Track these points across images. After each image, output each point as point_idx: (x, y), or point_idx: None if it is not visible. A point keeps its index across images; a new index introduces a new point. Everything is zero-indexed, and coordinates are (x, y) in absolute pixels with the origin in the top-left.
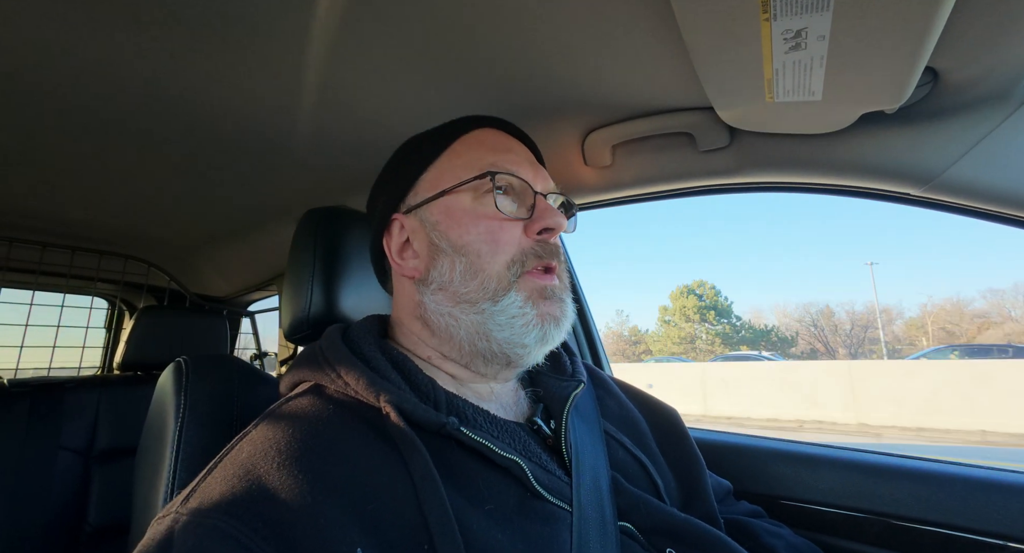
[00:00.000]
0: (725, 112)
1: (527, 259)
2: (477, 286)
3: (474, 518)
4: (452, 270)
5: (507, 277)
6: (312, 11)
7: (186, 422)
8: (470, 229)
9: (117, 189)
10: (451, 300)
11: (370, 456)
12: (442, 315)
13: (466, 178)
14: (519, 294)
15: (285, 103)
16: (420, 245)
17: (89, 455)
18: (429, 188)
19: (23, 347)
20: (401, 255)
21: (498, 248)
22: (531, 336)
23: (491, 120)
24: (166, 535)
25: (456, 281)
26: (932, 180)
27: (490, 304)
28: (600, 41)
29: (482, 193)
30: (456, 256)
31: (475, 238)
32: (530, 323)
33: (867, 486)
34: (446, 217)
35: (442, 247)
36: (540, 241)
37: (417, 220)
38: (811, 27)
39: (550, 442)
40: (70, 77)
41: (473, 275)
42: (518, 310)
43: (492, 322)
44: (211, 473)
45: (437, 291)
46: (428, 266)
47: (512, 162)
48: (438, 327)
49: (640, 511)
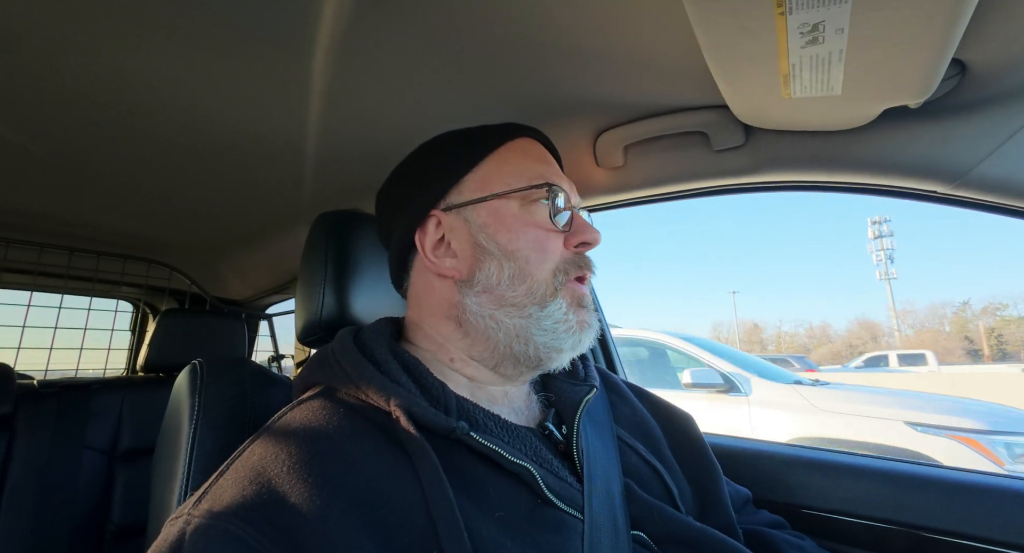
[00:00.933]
0: (740, 110)
1: (569, 268)
2: (525, 291)
3: (484, 525)
4: (500, 273)
5: (552, 284)
6: (321, 16)
7: (200, 424)
8: (519, 235)
9: (141, 196)
10: (495, 303)
11: (380, 460)
12: (483, 317)
13: (520, 185)
14: (563, 300)
15: (296, 110)
16: (461, 245)
17: (113, 455)
18: (476, 189)
19: (52, 349)
20: (435, 253)
21: (545, 256)
22: (569, 341)
23: (530, 130)
24: (178, 537)
25: (503, 285)
26: (960, 177)
27: (537, 309)
28: (611, 40)
29: (530, 201)
30: (504, 260)
31: (524, 244)
32: (571, 329)
33: (895, 496)
34: (495, 220)
35: (490, 250)
36: (577, 253)
37: (460, 219)
38: (829, 20)
39: (561, 447)
40: (101, 90)
41: (522, 280)
42: (562, 315)
43: (536, 326)
44: (223, 476)
45: (481, 293)
46: (473, 267)
47: (554, 175)
48: (476, 329)
49: (654, 519)
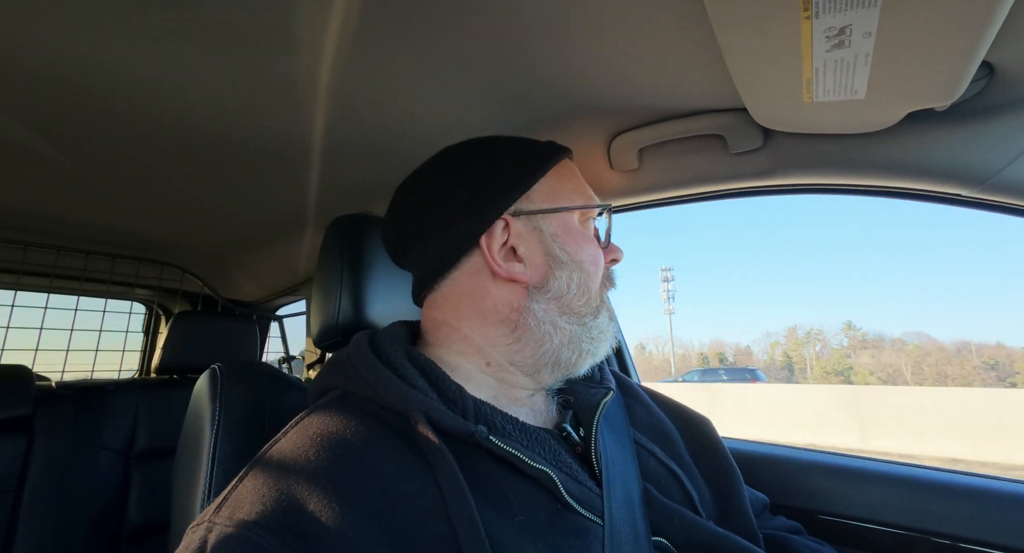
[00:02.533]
0: (759, 113)
1: (606, 283)
2: (585, 301)
3: (504, 529)
4: (570, 282)
5: (599, 296)
6: (332, 19)
7: (221, 429)
8: (584, 248)
9: (155, 199)
10: (560, 310)
11: (398, 465)
12: (545, 322)
13: (582, 203)
14: (606, 312)
15: (307, 112)
16: (531, 252)
17: (129, 455)
18: (546, 200)
19: (69, 351)
20: (502, 257)
21: (598, 269)
22: (603, 349)
23: (570, 152)
24: (200, 545)
25: (572, 293)
26: (987, 180)
27: (591, 318)
28: (628, 42)
29: (585, 219)
30: (574, 271)
31: (587, 257)
32: (609, 339)
33: (918, 502)
34: (564, 232)
35: (563, 259)
36: (608, 268)
37: (530, 226)
38: (856, 24)
39: (579, 450)
40: (115, 95)
41: (585, 291)
42: (606, 326)
43: (587, 335)
44: (242, 482)
45: (551, 300)
46: (546, 274)
47: (593, 196)
48: (532, 334)
49: (675, 525)
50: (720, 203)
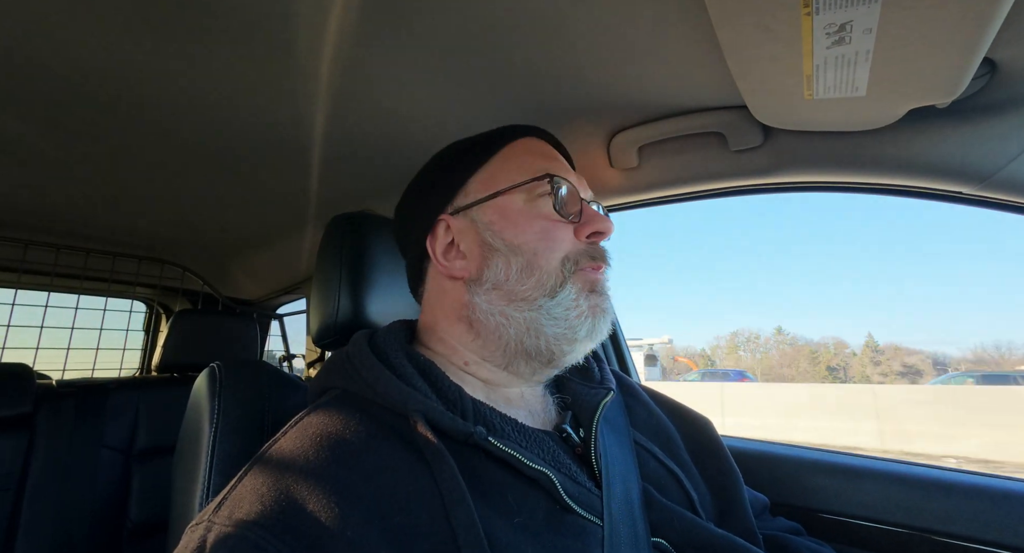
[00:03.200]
0: (759, 110)
1: (580, 258)
2: (534, 283)
3: (503, 530)
4: (508, 269)
5: (562, 273)
6: (330, 18)
7: (220, 428)
8: (525, 229)
9: (155, 198)
10: (505, 299)
11: (397, 466)
12: (493, 314)
13: (522, 180)
14: (574, 287)
15: (307, 112)
16: (469, 246)
17: (130, 453)
18: (481, 189)
19: (69, 349)
20: (446, 256)
21: (553, 245)
22: (583, 329)
23: (535, 130)
24: (199, 545)
25: (512, 279)
26: (988, 178)
27: (547, 299)
28: (628, 40)
29: (535, 195)
30: (512, 255)
31: (531, 237)
32: (583, 315)
33: (916, 501)
34: (500, 217)
35: (496, 246)
36: (590, 244)
37: (467, 221)
38: (857, 20)
39: (579, 451)
40: (116, 93)
41: (530, 273)
42: (572, 302)
43: (547, 316)
44: (241, 481)
45: (491, 290)
46: (481, 266)
47: (560, 169)
48: (486, 327)
49: (674, 526)
50: (683, 206)
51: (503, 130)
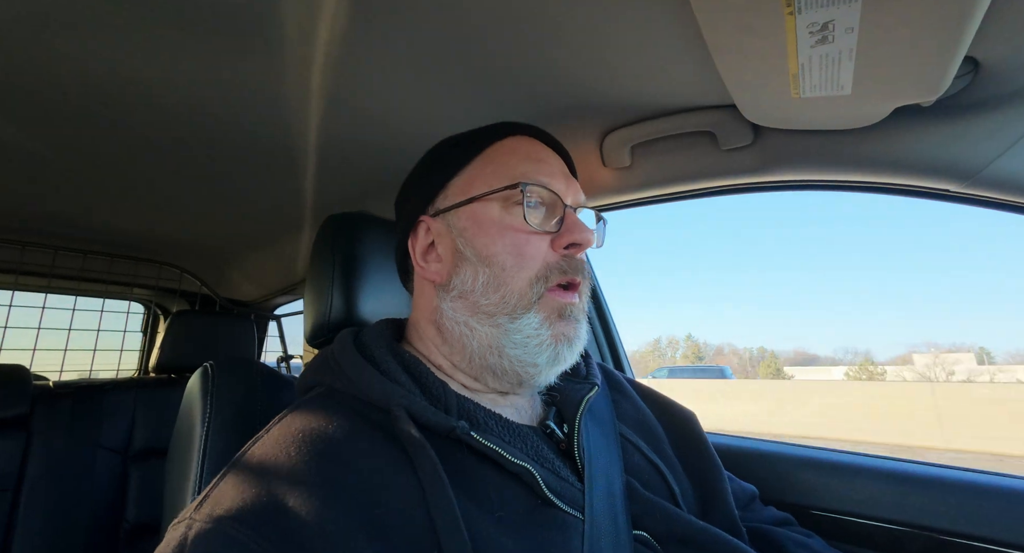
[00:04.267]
0: (748, 109)
1: (551, 274)
2: (498, 299)
3: (483, 524)
4: (475, 279)
5: (529, 295)
6: (323, 18)
7: (212, 426)
8: (496, 240)
9: (152, 199)
10: (469, 309)
11: (379, 460)
12: (457, 323)
13: (496, 187)
14: (537, 315)
15: (302, 113)
16: (445, 249)
17: (127, 454)
18: (459, 193)
19: (67, 350)
20: (425, 258)
21: (523, 262)
22: (543, 356)
23: (526, 128)
24: (180, 542)
25: (477, 291)
26: (974, 175)
27: (507, 320)
28: (617, 40)
29: (511, 204)
30: (480, 266)
31: (500, 250)
32: (544, 344)
33: (909, 497)
34: (473, 225)
35: (466, 255)
36: (566, 256)
37: (444, 224)
38: (838, 19)
39: (563, 446)
40: (113, 95)
41: (496, 288)
42: (533, 331)
43: (507, 338)
44: (223, 479)
45: (457, 298)
46: (451, 272)
47: (544, 173)
48: (452, 335)
49: (656, 518)
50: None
51: (491, 128)
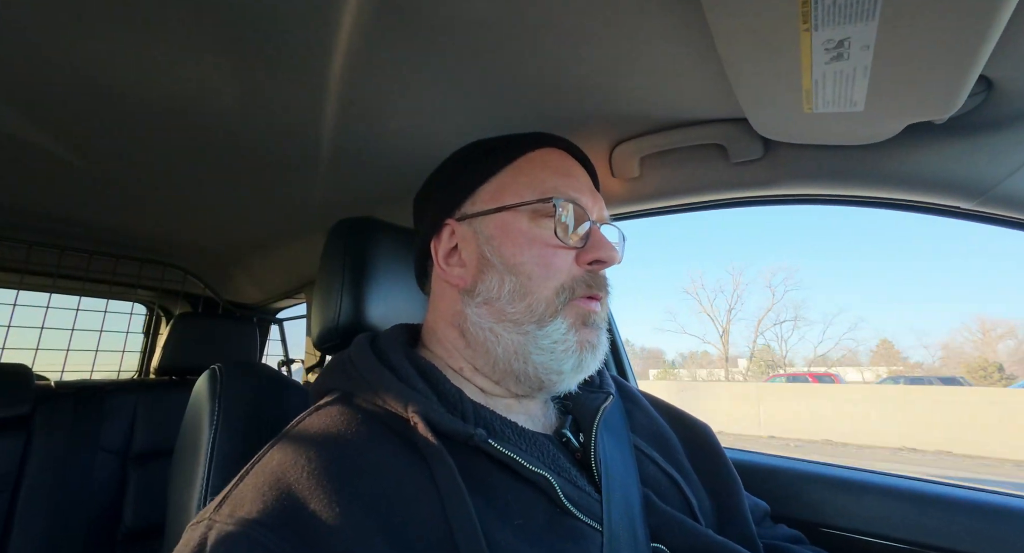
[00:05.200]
0: (759, 123)
1: (577, 286)
2: (524, 308)
3: (501, 532)
4: (501, 287)
5: (555, 303)
6: (339, 27)
7: (220, 429)
8: (524, 250)
9: (159, 201)
10: (495, 316)
11: (397, 467)
12: (482, 329)
13: (528, 199)
14: (564, 321)
15: (313, 118)
16: (469, 255)
17: (126, 457)
18: (489, 200)
19: (69, 350)
20: (447, 261)
21: (549, 273)
22: (569, 363)
23: (558, 140)
24: (200, 542)
25: (503, 299)
26: (985, 193)
27: (535, 327)
28: (629, 51)
29: (541, 216)
30: (507, 274)
31: (528, 260)
32: (570, 349)
33: (917, 517)
34: (502, 233)
35: (493, 262)
36: (590, 271)
37: (471, 229)
38: (855, 37)
39: (579, 456)
40: (123, 97)
41: (522, 297)
42: (561, 336)
43: (534, 345)
44: (243, 480)
45: (482, 304)
46: (476, 278)
47: (574, 188)
48: (476, 340)
49: (674, 532)
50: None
51: (524, 137)
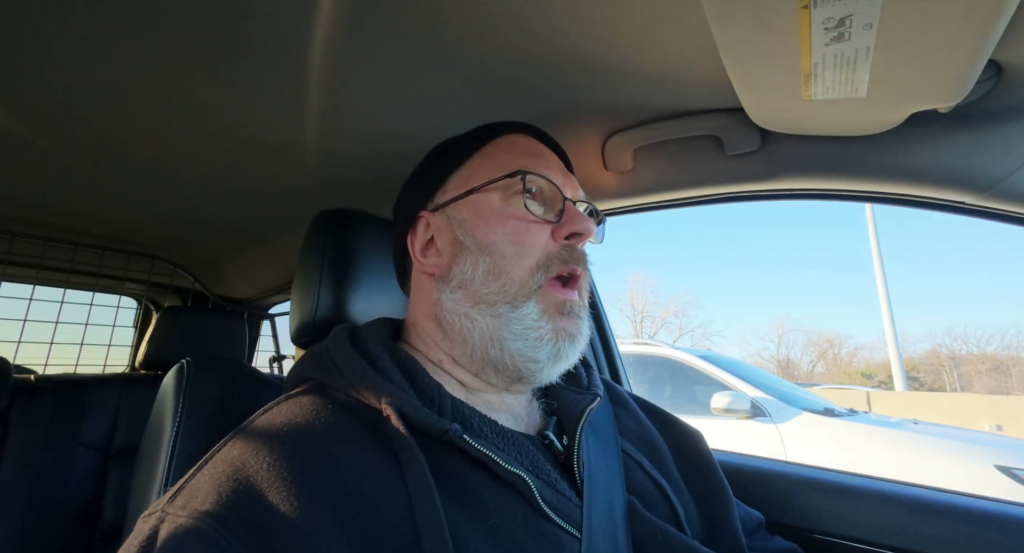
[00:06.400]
0: (756, 113)
1: (552, 263)
2: (499, 288)
3: (472, 534)
4: (475, 268)
5: (530, 283)
6: (320, 20)
7: (183, 424)
8: (496, 228)
9: (146, 193)
10: (470, 300)
11: (365, 461)
12: (458, 315)
13: (496, 176)
14: (536, 306)
15: (298, 112)
16: (444, 243)
17: (107, 452)
18: (458, 186)
19: (53, 344)
20: (424, 253)
21: (524, 250)
22: (544, 350)
23: (523, 126)
24: (150, 534)
25: (478, 280)
26: (992, 187)
27: (508, 309)
28: (622, 39)
29: (511, 194)
30: (480, 255)
31: (501, 238)
32: (544, 337)
33: (913, 524)
34: (473, 215)
35: (467, 245)
36: (567, 246)
37: (444, 218)
38: (857, 14)
39: (561, 459)
40: (108, 89)
41: (496, 276)
42: (533, 322)
43: (507, 330)
44: (200, 471)
45: (456, 289)
46: (450, 263)
47: (543, 167)
48: (452, 327)
49: (658, 542)
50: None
51: (489, 126)
